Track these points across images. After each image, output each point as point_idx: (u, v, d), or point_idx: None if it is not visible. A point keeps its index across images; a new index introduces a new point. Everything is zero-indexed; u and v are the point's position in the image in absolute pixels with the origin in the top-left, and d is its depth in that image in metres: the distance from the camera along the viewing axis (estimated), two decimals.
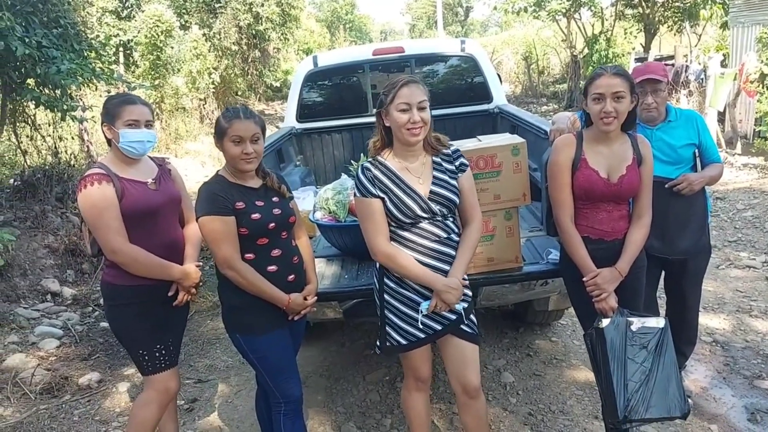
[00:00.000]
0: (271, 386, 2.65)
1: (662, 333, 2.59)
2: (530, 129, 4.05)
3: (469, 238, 2.55)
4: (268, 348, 2.59)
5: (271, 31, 18.42)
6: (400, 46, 5.53)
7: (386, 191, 2.45)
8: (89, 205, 2.54)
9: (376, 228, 2.46)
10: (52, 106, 5.85)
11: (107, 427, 3.72)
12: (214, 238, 2.44)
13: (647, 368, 2.55)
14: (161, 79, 11.85)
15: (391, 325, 2.56)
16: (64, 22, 6.03)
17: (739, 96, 10.01)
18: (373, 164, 2.51)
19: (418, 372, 2.70)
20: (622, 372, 2.54)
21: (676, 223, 3.17)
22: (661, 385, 2.55)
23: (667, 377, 2.56)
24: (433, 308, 2.46)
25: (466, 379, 2.62)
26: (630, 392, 2.53)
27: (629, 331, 2.56)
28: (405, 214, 2.44)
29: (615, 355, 2.55)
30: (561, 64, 22.57)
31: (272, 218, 2.51)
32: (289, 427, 2.67)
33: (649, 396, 2.54)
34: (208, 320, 5.22)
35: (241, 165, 2.47)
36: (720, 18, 14.26)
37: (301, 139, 5.48)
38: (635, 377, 2.54)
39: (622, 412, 2.53)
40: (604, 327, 2.56)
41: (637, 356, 2.55)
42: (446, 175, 2.52)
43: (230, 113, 2.48)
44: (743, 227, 6.60)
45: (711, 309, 4.68)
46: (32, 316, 5.13)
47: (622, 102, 2.52)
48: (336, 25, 34.11)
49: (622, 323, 2.56)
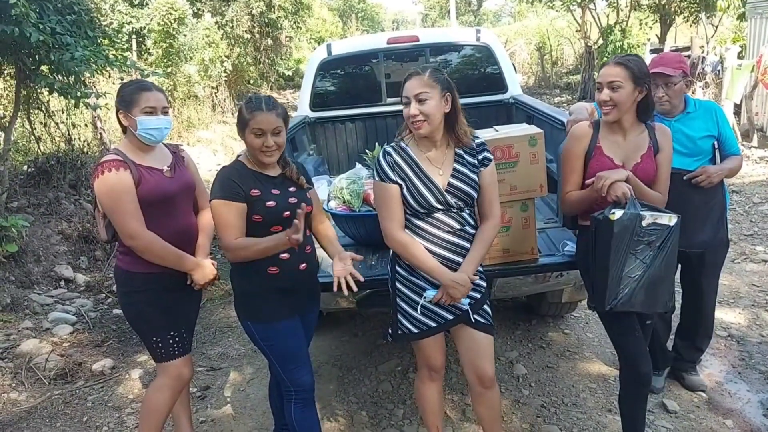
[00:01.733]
0: (282, 374, 2.64)
1: (670, 231, 2.49)
2: (546, 120, 4.00)
3: (485, 234, 2.52)
4: (279, 336, 2.58)
5: (283, 19, 18.38)
6: (415, 35, 5.49)
7: (404, 178, 2.43)
8: (107, 190, 2.54)
9: (391, 214, 2.44)
10: (65, 93, 5.85)
11: (120, 413, 3.74)
12: (220, 222, 2.43)
13: (646, 264, 2.50)
14: (174, 66, 11.84)
15: (403, 313, 2.55)
16: (78, 9, 6.02)
17: (756, 88, 9.87)
18: (395, 149, 2.48)
19: (430, 361, 2.68)
20: (621, 265, 2.49)
21: (694, 216, 3.13)
22: (653, 283, 2.53)
23: (661, 276, 2.53)
24: (437, 300, 2.45)
25: (480, 369, 2.60)
26: (621, 286, 2.51)
27: (639, 226, 2.46)
28: (420, 204, 2.42)
29: (618, 247, 2.47)
30: (575, 54, 22.39)
31: (287, 206, 2.50)
32: (300, 415, 2.66)
33: (640, 291, 2.52)
34: (220, 308, 5.24)
35: (262, 157, 2.45)
36: (737, 9, 14.04)
37: (314, 128, 5.46)
38: (631, 272, 2.50)
39: (609, 303, 2.53)
40: (615, 218, 2.44)
41: (639, 252, 2.49)
42: (467, 168, 2.48)
43: (253, 104, 2.43)
44: (759, 221, 6.53)
45: (726, 303, 4.64)
46: (46, 302, 5.17)
47: (618, 91, 2.52)
48: (348, 14, 33.96)
49: (634, 217, 2.45)
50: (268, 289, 2.53)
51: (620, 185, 2.49)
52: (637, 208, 2.47)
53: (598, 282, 2.58)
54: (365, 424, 3.46)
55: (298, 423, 2.66)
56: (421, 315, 2.52)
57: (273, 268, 2.50)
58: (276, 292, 2.54)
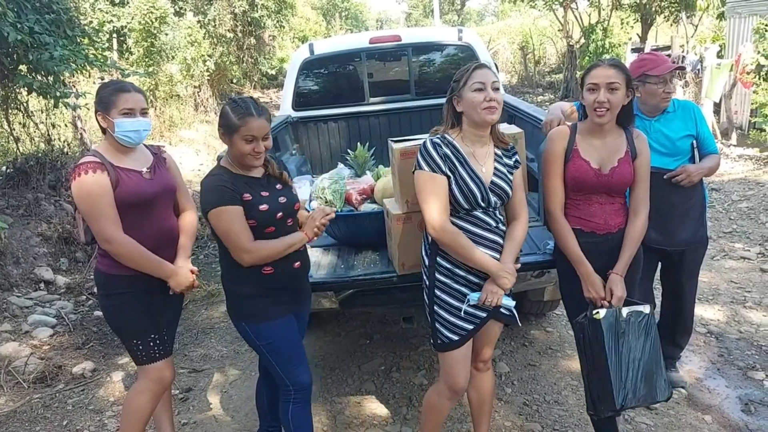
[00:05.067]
0: (281, 374, 2.62)
1: (649, 318, 2.60)
2: (528, 119, 4.01)
3: (516, 232, 2.54)
4: (277, 334, 2.57)
5: (266, 18, 18.27)
6: (397, 34, 5.48)
7: (454, 171, 2.42)
8: (84, 194, 2.51)
9: (441, 205, 2.41)
10: (44, 92, 5.78)
11: (101, 416, 3.70)
12: (230, 228, 2.39)
13: (637, 356, 2.55)
14: (155, 66, 11.73)
15: (441, 322, 2.53)
16: (56, 8, 5.95)
17: (735, 87, 10.01)
18: (443, 142, 2.46)
19: (455, 380, 2.60)
20: (618, 362, 2.53)
21: (675, 215, 3.16)
22: (648, 371, 2.56)
23: (654, 362, 2.58)
24: (483, 301, 2.44)
25: (480, 351, 2.67)
26: (625, 381, 2.53)
27: (620, 320, 2.55)
28: (467, 199, 2.42)
29: (611, 345, 2.54)
30: (557, 54, 22.56)
31: (279, 207, 2.50)
32: (298, 415, 2.65)
33: (640, 383, 2.54)
34: (202, 309, 5.21)
35: (250, 161, 2.44)
36: (717, 8, 14.24)
37: (297, 127, 5.44)
38: (629, 366, 2.54)
39: (619, 402, 2.52)
40: (601, 317, 2.55)
41: (629, 344, 2.55)
42: (506, 168, 2.52)
43: (242, 109, 2.39)
44: (738, 218, 6.61)
45: (706, 300, 4.69)
46: (25, 304, 5.10)
47: (615, 93, 2.50)
48: (332, 13, 33.85)
49: (614, 313, 2.56)
50: (264, 290, 2.52)
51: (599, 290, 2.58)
52: (611, 305, 2.57)
53: (600, 385, 2.58)
54: (348, 424, 3.46)
55: (295, 423, 2.65)
56: (458, 319, 2.51)
57: (268, 269, 2.49)
58: (271, 291, 2.53)
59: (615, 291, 2.57)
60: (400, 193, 2.84)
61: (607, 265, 2.62)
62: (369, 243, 3.31)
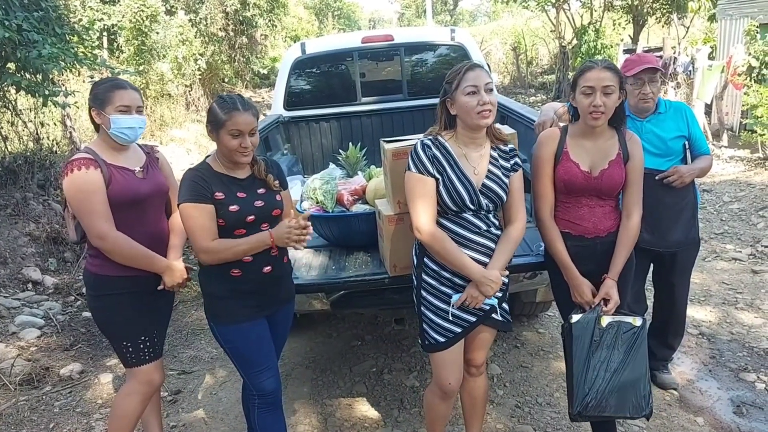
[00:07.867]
0: (245, 378, 2.61)
1: (638, 331, 2.55)
2: (520, 120, 4.00)
3: (512, 235, 2.51)
4: (240, 338, 2.54)
5: (258, 17, 18.24)
6: (389, 34, 5.47)
7: (442, 173, 2.40)
8: (75, 190, 2.47)
9: (427, 207, 2.40)
10: (33, 91, 5.73)
11: (89, 419, 3.66)
12: (191, 225, 2.37)
13: (613, 367, 2.51)
14: (146, 64, 11.68)
15: (428, 323, 2.52)
16: (45, 5, 5.90)
17: (727, 88, 10.06)
18: (434, 143, 2.44)
19: (445, 382, 2.58)
20: (584, 369, 2.51)
21: (667, 216, 3.15)
22: (624, 385, 2.51)
23: (635, 378, 2.53)
24: (461, 302, 2.43)
25: (472, 354, 2.65)
26: (588, 390, 2.50)
27: (597, 329, 2.52)
28: (454, 201, 2.40)
29: (578, 352, 2.53)
30: (549, 54, 22.62)
31: (252, 210, 2.44)
32: (262, 420, 2.63)
33: (610, 395, 2.50)
34: (192, 310, 5.16)
35: (238, 157, 2.40)
36: (708, 10, 14.30)
37: (288, 127, 5.41)
38: (598, 375, 2.50)
39: (576, 407, 2.52)
40: (573, 322, 2.54)
41: (605, 354, 2.51)
42: (500, 171, 2.49)
43: (228, 104, 2.37)
44: (729, 219, 6.64)
45: (697, 301, 4.70)
46: (12, 305, 5.04)
47: (610, 96, 2.46)
48: (324, 13, 33.84)
49: (592, 320, 2.53)
50: (231, 292, 2.48)
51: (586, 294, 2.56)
52: (596, 312, 2.54)
53: (568, 388, 2.60)
54: (339, 427, 3.43)
55: (261, 428, 2.64)
56: (445, 321, 2.49)
57: (235, 271, 2.45)
58: (239, 294, 2.49)
59: (612, 296, 2.54)
60: (392, 194, 2.82)
61: (596, 270, 2.59)
62: (360, 244, 3.28)
